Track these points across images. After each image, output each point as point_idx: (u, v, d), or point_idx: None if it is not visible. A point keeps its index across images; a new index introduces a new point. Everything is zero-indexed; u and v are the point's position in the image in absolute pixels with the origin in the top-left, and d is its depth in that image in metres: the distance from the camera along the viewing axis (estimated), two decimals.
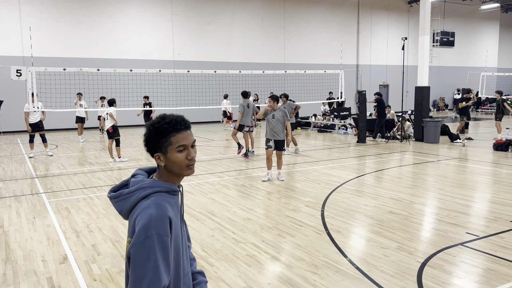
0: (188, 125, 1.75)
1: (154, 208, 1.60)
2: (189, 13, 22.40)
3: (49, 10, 19.15)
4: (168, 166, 1.72)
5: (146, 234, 1.55)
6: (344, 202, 6.82)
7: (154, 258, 1.55)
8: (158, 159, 1.72)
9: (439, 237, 5.17)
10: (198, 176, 9.15)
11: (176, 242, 1.67)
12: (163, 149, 1.70)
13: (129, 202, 1.66)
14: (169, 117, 1.72)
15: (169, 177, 1.75)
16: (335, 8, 27.27)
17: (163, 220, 1.59)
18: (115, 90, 18.19)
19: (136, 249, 1.55)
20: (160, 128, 1.68)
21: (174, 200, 1.73)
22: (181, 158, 1.70)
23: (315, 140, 15.44)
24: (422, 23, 15.04)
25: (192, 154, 1.73)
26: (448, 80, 32.58)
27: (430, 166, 10.04)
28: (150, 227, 1.56)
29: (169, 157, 1.69)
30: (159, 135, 1.69)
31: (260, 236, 5.28)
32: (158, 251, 1.56)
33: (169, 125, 1.69)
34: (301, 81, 24.43)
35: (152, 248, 1.55)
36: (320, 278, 4.08)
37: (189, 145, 1.72)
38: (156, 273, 1.55)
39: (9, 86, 17.66)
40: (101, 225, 5.84)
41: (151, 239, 1.55)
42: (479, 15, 32.92)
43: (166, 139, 1.68)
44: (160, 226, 1.57)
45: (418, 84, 15.12)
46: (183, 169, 1.73)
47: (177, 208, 1.74)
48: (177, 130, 1.69)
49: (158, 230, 1.56)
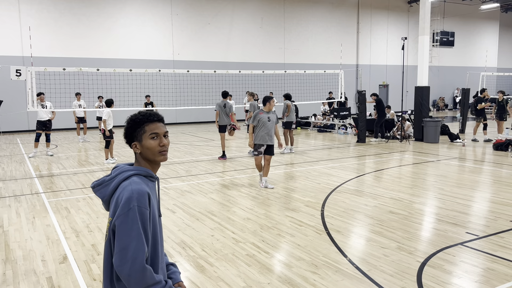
0: (161, 118, 2.01)
1: (135, 184, 1.82)
2: (189, 13, 22.40)
3: (49, 9, 19.14)
4: (143, 153, 1.95)
5: (129, 206, 1.75)
6: (344, 202, 6.82)
7: (137, 227, 1.74)
8: (135, 147, 1.96)
9: (439, 237, 5.17)
10: (198, 176, 9.15)
11: (154, 219, 1.86)
12: (139, 137, 1.94)
13: (112, 186, 1.87)
14: (144, 111, 2.00)
15: (146, 164, 1.97)
16: (335, 8, 27.27)
17: (143, 194, 1.79)
18: (115, 90, 18.18)
19: (121, 220, 1.74)
20: (136, 120, 1.95)
21: (153, 185, 1.95)
22: (154, 144, 1.94)
23: (315, 140, 15.44)
24: (422, 23, 15.04)
25: (164, 141, 1.96)
26: (448, 80, 32.59)
27: (430, 166, 10.04)
28: (132, 199, 1.76)
29: (144, 144, 1.94)
30: (135, 126, 1.95)
31: (260, 236, 5.28)
32: (139, 222, 1.75)
33: (143, 116, 1.95)
34: (300, 81, 24.43)
35: (135, 218, 1.74)
36: (320, 278, 4.08)
37: (161, 134, 1.96)
38: (140, 239, 1.74)
39: (9, 86, 17.66)
40: (100, 225, 5.84)
41: (133, 211, 1.75)
42: (479, 15, 32.92)
43: (141, 128, 1.94)
44: (141, 199, 1.78)
45: (418, 84, 15.12)
46: (156, 155, 1.95)
47: (155, 194, 1.94)
48: (150, 121, 1.95)
49: (139, 203, 1.77)
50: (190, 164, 10.57)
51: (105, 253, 1.87)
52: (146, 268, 1.73)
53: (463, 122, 16.84)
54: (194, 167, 10.23)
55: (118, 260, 1.72)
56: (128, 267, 1.70)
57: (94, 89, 18.07)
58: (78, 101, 15.40)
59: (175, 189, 7.94)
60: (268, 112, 7.92)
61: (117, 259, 1.72)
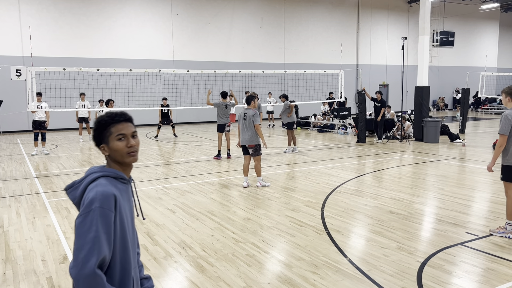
0: (128, 118, 1.94)
1: (100, 186, 1.76)
2: (189, 13, 22.40)
3: (49, 9, 19.14)
4: (111, 155, 1.89)
5: (90, 207, 1.69)
6: (344, 202, 6.82)
7: (95, 229, 1.66)
8: (103, 150, 1.90)
9: (439, 237, 5.17)
10: (198, 176, 9.15)
11: (122, 223, 1.79)
12: (106, 140, 1.88)
13: (80, 188, 1.82)
14: (110, 112, 1.92)
15: (115, 166, 1.91)
16: (334, 8, 27.27)
17: (108, 196, 1.73)
18: (115, 90, 18.18)
19: (80, 220, 1.68)
20: (102, 121, 1.88)
21: (124, 188, 1.89)
22: (121, 146, 1.87)
23: (315, 140, 15.44)
24: (422, 23, 15.04)
25: (132, 142, 1.90)
26: (448, 80, 32.59)
27: (430, 166, 10.04)
28: (95, 201, 1.70)
29: (111, 146, 1.87)
30: (101, 128, 1.88)
31: (260, 236, 5.28)
32: (100, 223, 1.67)
33: (109, 117, 1.89)
34: (300, 81, 24.43)
35: (95, 220, 1.67)
36: (320, 278, 4.08)
37: (129, 134, 1.90)
38: (96, 243, 1.65)
39: (9, 86, 17.66)
40: None
41: (94, 212, 1.68)
42: (479, 15, 32.92)
43: (107, 130, 1.87)
44: (105, 201, 1.71)
45: (418, 84, 15.12)
46: (125, 156, 1.89)
47: (126, 197, 1.89)
48: (116, 121, 1.88)
49: (102, 204, 1.70)
50: (190, 164, 10.57)
51: None
52: (97, 275, 1.62)
53: (463, 122, 16.83)
54: (194, 167, 10.23)
55: (71, 262, 1.65)
56: (76, 270, 1.61)
57: (94, 89, 18.08)
58: (82, 101, 15.41)
59: (175, 189, 7.95)
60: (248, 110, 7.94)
61: (71, 261, 1.66)
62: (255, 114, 7.80)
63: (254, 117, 7.75)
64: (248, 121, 7.76)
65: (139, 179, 8.84)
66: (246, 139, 7.81)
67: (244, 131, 7.82)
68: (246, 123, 7.79)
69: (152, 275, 4.22)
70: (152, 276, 4.19)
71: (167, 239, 5.23)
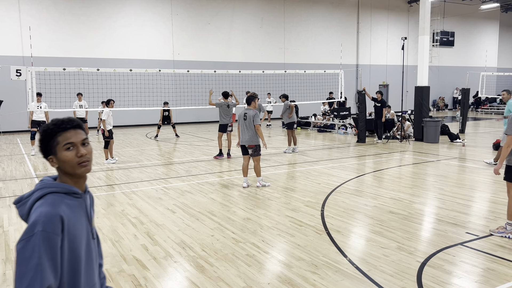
0: (76, 124, 1.75)
1: (45, 206, 1.60)
2: (189, 13, 22.40)
3: (49, 9, 19.14)
4: (61, 167, 1.73)
5: (33, 231, 1.54)
6: (344, 202, 6.82)
7: (37, 256, 1.52)
8: (51, 162, 1.73)
9: (439, 237, 5.17)
10: (198, 176, 9.15)
11: (72, 245, 1.63)
12: (53, 150, 1.71)
13: (28, 205, 1.66)
14: (56, 119, 1.74)
15: (67, 179, 1.74)
16: (335, 8, 27.27)
17: (53, 218, 1.57)
18: (115, 90, 18.18)
19: (21, 246, 1.53)
20: (48, 130, 1.71)
21: (77, 203, 1.73)
22: (70, 156, 1.70)
23: (315, 140, 15.44)
24: (422, 23, 15.04)
25: (82, 151, 1.72)
26: (448, 80, 32.59)
27: (430, 166, 10.04)
28: (37, 224, 1.54)
29: (59, 157, 1.70)
30: (48, 137, 1.71)
31: (260, 236, 5.28)
32: (42, 249, 1.53)
33: (55, 126, 1.71)
34: (301, 81, 24.43)
35: (37, 246, 1.52)
36: (320, 278, 4.08)
37: (78, 142, 1.72)
38: (38, 271, 1.51)
39: (9, 86, 17.66)
40: (100, 225, 5.84)
41: (36, 236, 1.53)
42: (479, 15, 32.92)
43: (54, 139, 1.70)
44: (49, 224, 1.56)
45: (418, 84, 15.12)
46: (75, 167, 1.72)
47: (81, 212, 1.73)
48: (63, 129, 1.70)
49: (46, 228, 1.55)
50: (190, 164, 10.57)
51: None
52: None
53: (463, 122, 16.83)
54: (194, 167, 10.23)
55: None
56: None
57: (94, 89, 18.08)
58: (80, 102, 15.43)
59: (175, 189, 7.95)
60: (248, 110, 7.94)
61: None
62: (255, 114, 7.79)
63: (254, 117, 7.74)
64: (248, 121, 7.75)
65: (139, 179, 8.84)
66: (246, 139, 7.80)
67: (244, 131, 7.82)
68: (246, 123, 7.78)
69: (152, 275, 4.22)
70: (152, 276, 4.19)
71: (167, 239, 5.23)
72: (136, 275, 4.21)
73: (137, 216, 6.24)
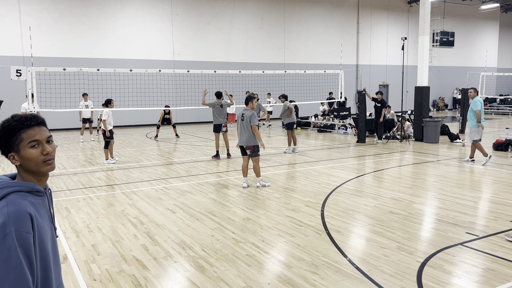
0: (40, 121, 1.71)
1: (11, 205, 1.54)
2: (189, 13, 22.40)
3: (49, 10, 19.14)
4: (24, 165, 1.67)
5: (5, 232, 1.48)
6: (344, 202, 6.82)
7: (16, 255, 1.48)
8: (12, 159, 1.67)
9: (439, 237, 5.17)
10: (198, 176, 9.15)
11: (41, 242, 1.60)
12: (16, 148, 1.65)
13: None
14: (18, 115, 1.68)
15: (29, 177, 1.69)
16: (334, 8, 27.27)
17: (23, 217, 1.53)
18: (115, 90, 18.18)
19: None
20: (9, 127, 1.64)
21: (40, 201, 1.68)
22: (36, 154, 1.65)
23: (315, 140, 15.44)
24: (422, 23, 15.04)
25: (48, 149, 1.68)
26: (448, 80, 32.59)
27: (430, 166, 10.04)
28: (8, 224, 1.49)
29: (23, 155, 1.65)
30: (9, 134, 1.64)
31: (260, 236, 5.28)
32: (19, 249, 1.49)
33: (18, 122, 1.65)
34: (301, 81, 24.43)
35: (13, 246, 1.48)
36: (320, 278, 4.08)
37: (43, 140, 1.67)
38: (20, 270, 1.48)
39: (9, 86, 17.65)
40: (101, 225, 5.84)
41: (10, 237, 1.48)
42: (479, 15, 32.92)
43: (17, 136, 1.64)
44: (20, 223, 1.51)
45: (418, 84, 15.12)
46: (40, 166, 1.67)
47: (44, 210, 1.70)
48: (27, 126, 1.65)
49: (18, 227, 1.50)
50: (190, 164, 10.57)
51: None
52: None
53: (463, 122, 16.84)
54: (194, 167, 10.23)
55: None
56: None
57: (95, 89, 18.08)
58: (86, 102, 15.43)
59: (175, 189, 7.95)
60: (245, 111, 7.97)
61: None
62: (252, 115, 7.78)
63: (251, 118, 7.74)
64: (246, 122, 7.77)
65: (139, 179, 8.84)
66: (244, 140, 7.82)
67: (242, 132, 7.84)
68: (243, 124, 7.80)
69: (152, 275, 4.23)
70: (152, 276, 4.20)
71: (167, 239, 5.23)
72: (136, 275, 4.22)
73: (137, 216, 6.24)
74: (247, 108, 7.94)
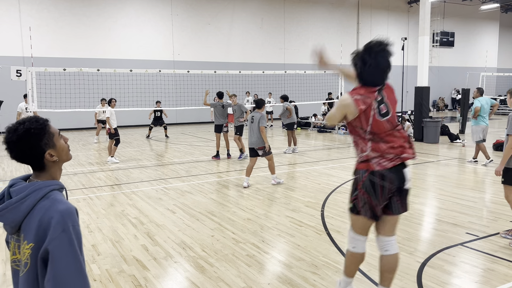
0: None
1: (60, 203, 1.62)
2: (189, 13, 22.41)
3: (49, 10, 19.15)
4: (60, 158, 1.75)
5: (63, 227, 1.55)
6: (344, 202, 6.82)
7: (74, 249, 1.56)
8: (50, 157, 1.71)
9: (439, 237, 5.17)
10: (198, 176, 9.15)
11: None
12: (51, 143, 1.71)
13: (24, 208, 1.60)
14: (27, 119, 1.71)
15: (58, 173, 1.78)
16: (334, 8, 27.28)
17: (74, 213, 1.62)
18: (115, 90, 18.18)
19: (57, 243, 1.53)
20: (38, 127, 1.68)
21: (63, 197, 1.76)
22: (64, 143, 1.78)
23: (315, 141, 15.44)
24: (422, 23, 15.04)
25: (66, 137, 1.82)
26: (448, 80, 32.59)
27: (430, 166, 10.04)
28: (65, 220, 1.56)
29: (59, 147, 1.74)
30: (38, 135, 1.67)
31: (260, 236, 5.28)
32: (76, 243, 1.57)
33: (37, 122, 1.69)
34: (301, 81, 24.43)
35: (71, 239, 1.56)
36: (320, 278, 4.08)
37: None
38: (79, 262, 1.56)
39: (9, 86, 17.65)
40: (101, 225, 5.84)
41: (68, 232, 1.56)
42: (479, 15, 32.92)
43: (48, 133, 1.70)
44: (73, 218, 1.60)
45: (418, 84, 15.12)
46: (68, 154, 1.80)
47: None
48: (46, 124, 1.72)
49: (73, 222, 1.59)
50: (190, 165, 10.57)
51: (25, 280, 1.62)
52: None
53: (463, 123, 16.84)
54: (194, 167, 10.23)
55: None
56: None
57: (95, 89, 18.08)
58: (103, 107, 15.18)
59: (175, 189, 7.95)
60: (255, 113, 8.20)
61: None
62: (261, 117, 8.03)
63: (260, 119, 7.99)
64: (255, 124, 7.99)
65: (139, 179, 8.84)
66: (254, 142, 8.00)
67: (252, 134, 8.04)
68: (253, 126, 8.01)
69: (152, 275, 4.23)
70: (152, 276, 4.20)
71: (167, 239, 5.23)
72: (136, 276, 4.22)
73: (137, 216, 6.24)
74: (258, 111, 8.18)
